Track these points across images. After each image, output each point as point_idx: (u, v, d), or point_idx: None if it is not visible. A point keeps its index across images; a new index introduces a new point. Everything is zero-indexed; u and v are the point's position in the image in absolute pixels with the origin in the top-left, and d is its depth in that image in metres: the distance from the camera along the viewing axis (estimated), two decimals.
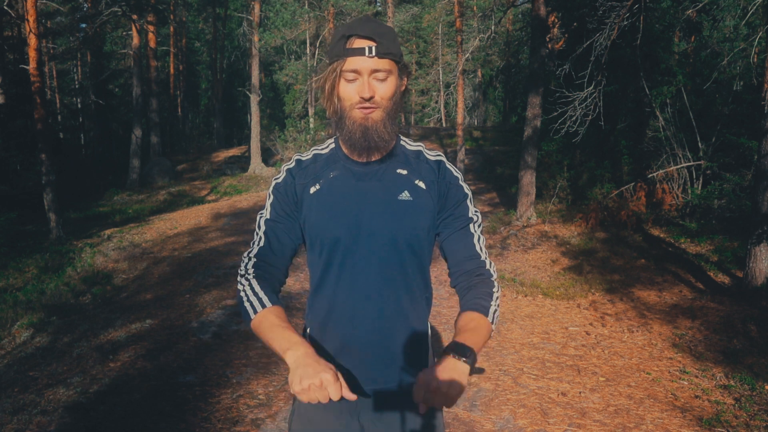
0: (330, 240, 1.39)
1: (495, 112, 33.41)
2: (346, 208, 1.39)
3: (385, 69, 1.33)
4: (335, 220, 1.38)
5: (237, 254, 8.34)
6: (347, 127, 1.36)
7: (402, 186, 1.41)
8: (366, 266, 1.37)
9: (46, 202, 10.60)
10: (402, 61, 1.38)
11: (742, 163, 8.83)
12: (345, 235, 1.38)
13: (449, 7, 21.97)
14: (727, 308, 5.89)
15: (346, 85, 1.34)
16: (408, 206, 1.39)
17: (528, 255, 8.40)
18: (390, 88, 1.35)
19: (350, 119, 1.36)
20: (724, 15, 11.11)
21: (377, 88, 1.34)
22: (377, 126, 1.35)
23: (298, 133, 17.73)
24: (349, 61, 1.32)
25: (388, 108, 1.36)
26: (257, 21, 18.16)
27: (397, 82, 1.37)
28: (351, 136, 1.36)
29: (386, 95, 1.35)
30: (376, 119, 1.35)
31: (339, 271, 1.39)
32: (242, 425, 3.39)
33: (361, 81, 1.33)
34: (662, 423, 3.59)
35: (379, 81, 1.34)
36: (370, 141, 1.36)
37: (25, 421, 3.47)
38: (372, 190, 1.40)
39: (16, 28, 16.47)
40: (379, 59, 1.31)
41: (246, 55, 26.46)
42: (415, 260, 1.41)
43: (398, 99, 1.39)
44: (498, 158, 16.78)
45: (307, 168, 1.47)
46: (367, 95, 1.32)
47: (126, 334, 5.03)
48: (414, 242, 1.39)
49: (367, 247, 1.37)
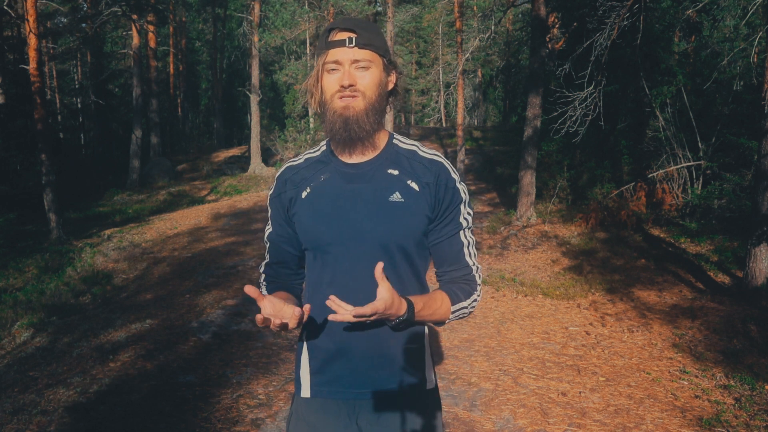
0: (322, 244, 1.39)
1: (495, 112, 33.41)
2: (336, 212, 1.38)
3: (367, 59, 1.33)
4: (326, 224, 1.38)
5: (237, 254, 8.34)
6: (328, 118, 1.37)
7: (393, 187, 1.39)
8: (358, 270, 1.36)
9: (46, 202, 10.60)
10: (387, 56, 1.38)
11: (742, 163, 8.83)
12: (336, 239, 1.37)
13: (449, 7, 21.97)
14: (727, 308, 5.89)
15: (328, 77, 1.35)
16: (399, 208, 1.37)
17: (528, 255, 8.41)
18: (372, 78, 1.35)
19: (331, 110, 1.36)
20: (724, 15, 11.10)
21: (359, 77, 1.34)
22: (359, 116, 1.34)
23: (298, 133, 17.73)
24: (330, 53, 1.33)
25: (371, 99, 1.35)
26: (257, 21, 18.17)
27: (381, 74, 1.37)
28: (332, 126, 1.37)
29: (368, 85, 1.34)
30: (357, 109, 1.34)
31: (332, 274, 1.39)
32: (242, 425, 3.39)
33: (342, 71, 1.33)
34: (662, 423, 3.59)
35: (360, 71, 1.34)
36: (351, 131, 1.35)
37: (25, 421, 3.47)
38: (362, 192, 1.39)
39: (16, 28, 16.48)
40: (360, 49, 1.32)
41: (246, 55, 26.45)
42: (408, 262, 1.40)
43: (383, 93, 1.39)
44: (498, 158, 16.78)
45: (299, 173, 1.47)
46: (346, 83, 1.32)
47: (126, 334, 5.03)
48: (405, 244, 1.38)
49: (359, 250, 1.36)
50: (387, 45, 1.41)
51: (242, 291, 6.17)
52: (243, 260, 7.83)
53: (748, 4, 8.30)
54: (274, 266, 1.52)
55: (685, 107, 9.51)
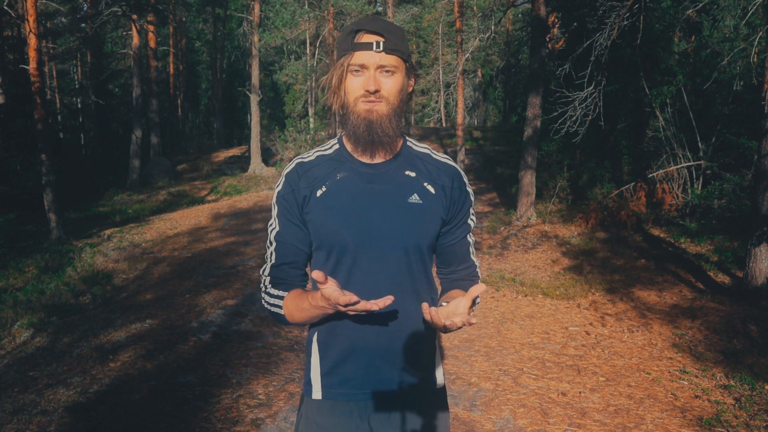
0: (339, 244, 1.37)
1: (495, 112, 33.41)
2: (355, 212, 1.37)
3: (392, 65, 1.33)
4: (344, 223, 1.37)
5: (237, 254, 8.34)
6: (352, 121, 1.36)
7: (411, 189, 1.40)
8: (375, 270, 1.36)
9: (46, 202, 10.60)
10: (410, 61, 1.38)
11: (742, 163, 8.83)
12: (354, 239, 1.36)
13: (449, 7, 21.96)
14: (727, 308, 5.89)
15: (352, 79, 1.34)
16: (418, 210, 1.38)
17: (528, 255, 8.41)
18: (396, 84, 1.35)
19: (354, 113, 1.35)
20: (724, 15, 11.10)
21: (383, 82, 1.33)
22: (382, 120, 1.34)
23: (298, 133, 17.73)
24: (356, 55, 1.32)
25: (394, 104, 1.35)
26: (257, 21, 18.17)
27: (403, 80, 1.37)
28: (355, 130, 1.36)
29: (392, 91, 1.34)
30: (381, 114, 1.34)
31: (348, 275, 1.37)
32: (242, 425, 3.39)
33: (367, 75, 1.33)
34: (662, 423, 3.59)
35: (385, 76, 1.33)
36: (374, 135, 1.35)
37: (25, 421, 3.47)
38: (382, 193, 1.38)
39: (16, 28, 16.48)
40: (387, 54, 1.31)
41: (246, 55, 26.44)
42: (421, 263, 1.41)
43: (405, 97, 1.39)
44: (498, 158, 16.78)
45: (311, 170, 1.43)
46: (372, 88, 1.31)
47: (126, 334, 5.03)
48: (423, 246, 1.40)
49: (377, 251, 1.36)
50: (409, 49, 1.40)
51: (242, 291, 6.17)
52: (243, 260, 7.83)
53: (748, 4, 8.30)
54: (282, 267, 1.45)
55: (685, 107, 9.51)
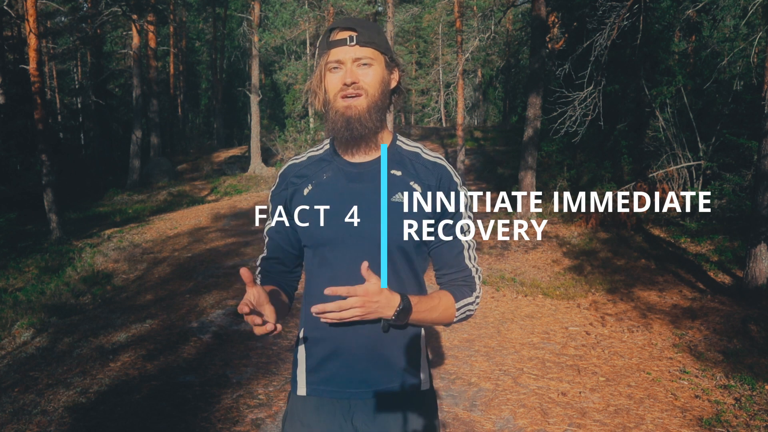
0: (321, 242, 1.39)
1: (495, 112, 33.41)
2: (337, 210, 1.38)
3: (368, 57, 1.34)
4: (326, 222, 1.38)
5: (237, 255, 8.35)
6: (331, 117, 1.38)
7: (395, 187, 1.39)
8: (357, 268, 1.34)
9: (46, 203, 10.60)
10: (389, 54, 1.39)
11: (742, 163, 8.83)
12: (336, 237, 1.37)
13: (449, 7, 21.97)
14: (728, 308, 5.89)
15: (331, 76, 1.36)
16: (401, 208, 1.38)
17: (528, 255, 8.41)
18: (375, 76, 1.36)
19: (333, 109, 1.37)
20: (724, 15, 11.11)
21: (360, 74, 1.35)
22: (361, 115, 1.35)
23: (298, 133, 17.74)
24: (332, 52, 1.34)
25: (374, 96, 1.36)
26: (257, 21, 18.18)
27: (383, 72, 1.38)
28: (334, 126, 1.38)
29: (371, 82, 1.35)
30: (360, 108, 1.35)
31: (331, 272, 1.38)
32: (242, 425, 3.39)
33: (344, 69, 1.34)
34: (662, 423, 3.59)
35: (362, 68, 1.35)
36: (353, 130, 1.36)
37: (25, 421, 3.47)
38: (364, 192, 1.39)
39: (16, 28, 16.49)
40: (361, 47, 1.34)
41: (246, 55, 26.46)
42: (407, 263, 1.41)
43: (386, 90, 1.39)
44: (498, 158, 16.78)
45: (301, 170, 1.48)
46: (349, 80, 1.33)
47: (126, 335, 5.03)
48: (405, 245, 1.38)
49: (358, 249, 1.36)
50: (388, 43, 1.41)
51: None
52: (243, 260, 7.83)
53: (748, 4, 8.30)
54: (270, 261, 1.52)
55: (685, 107, 9.51)
